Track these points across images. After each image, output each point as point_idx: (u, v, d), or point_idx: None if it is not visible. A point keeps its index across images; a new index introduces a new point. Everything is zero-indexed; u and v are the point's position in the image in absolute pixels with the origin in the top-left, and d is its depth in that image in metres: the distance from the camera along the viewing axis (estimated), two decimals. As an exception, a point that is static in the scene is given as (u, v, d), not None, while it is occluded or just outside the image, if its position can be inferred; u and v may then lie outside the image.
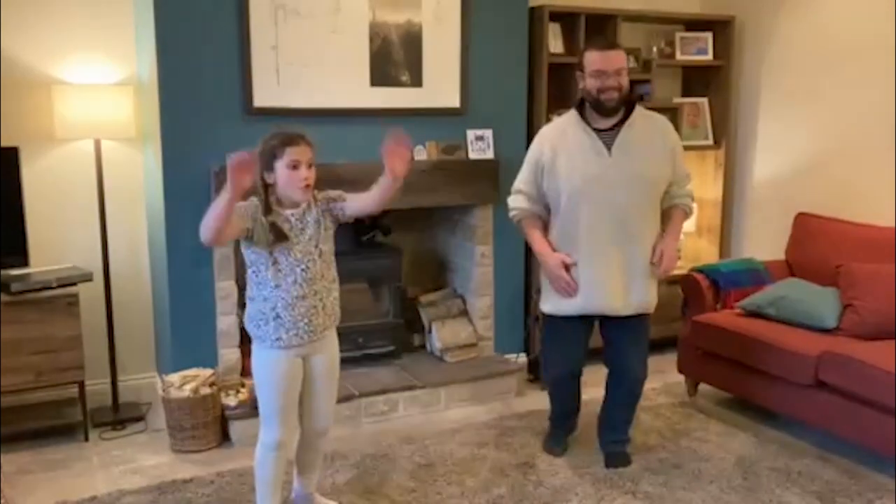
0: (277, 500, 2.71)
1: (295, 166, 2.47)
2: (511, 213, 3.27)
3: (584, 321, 3.19)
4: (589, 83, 2.98)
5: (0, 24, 3.55)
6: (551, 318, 3.24)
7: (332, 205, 2.61)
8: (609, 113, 3.00)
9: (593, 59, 2.97)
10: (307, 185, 2.50)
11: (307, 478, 2.87)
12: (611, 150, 3.00)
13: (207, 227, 2.35)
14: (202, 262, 3.60)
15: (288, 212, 2.53)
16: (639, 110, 3.08)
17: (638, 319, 3.15)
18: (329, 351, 2.70)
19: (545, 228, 3.21)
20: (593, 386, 3.44)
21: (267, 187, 2.51)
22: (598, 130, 3.04)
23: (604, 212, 3.01)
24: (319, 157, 3.56)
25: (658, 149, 3.06)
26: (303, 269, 2.52)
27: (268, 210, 2.49)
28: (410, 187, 3.84)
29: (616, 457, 3.29)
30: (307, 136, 2.53)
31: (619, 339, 3.19)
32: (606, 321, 3.17)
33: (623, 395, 3.28)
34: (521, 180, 3.21)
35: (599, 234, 3.02)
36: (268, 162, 2.47)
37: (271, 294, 2.52)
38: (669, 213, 3.16)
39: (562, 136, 3.08)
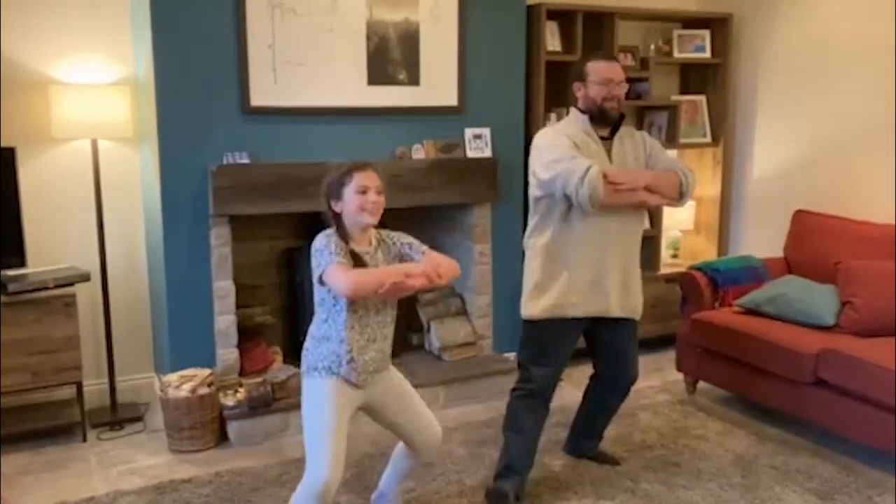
0: None
1: (364, 191, 2.44)
2: (586, 176, 2.78)
3: (578, 329, 3.08)
4: (594, 91, 2.99)
5: (-3, 24, 3.55)
6: (539, 325, 3.03)
7: (404, 250, 2.57)
8: (609, 122, 3.04)
9: (601, 67, 3.00)
10: (376, 209, 2.45)
11: (397, 483, 2.87)
12: (611, 158, 3.02)
13: (365, 288, 2.37)
14: (200, 262, 3.60)
15: (360, 248, 2.48)
16: (623, 125, 3.12)
17: (632, 322, 3.13)
18: (387, 379, 2.61)
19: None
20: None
21: (336, 217, 2.48)
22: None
23: (612, 218, 2.98)
24: (317, 155, 3.59)
25: (642, 158, 3.10)
26: (375, 311, 2.49)
27: (345, 239, 2.46)
28: (408, 186, 3.89)
29: (606, 455, 3.32)
30: (373, 164, 2.53)
31: (619, 343, 3.12)
32: (599, 325, 3.09)
33: (618, 402, 3.24)
34: (567, 148, 2.89)
35: (607, 236, 2.99)
36: (336, 190, 2.46)
37: (345, 335, 2.45)
38: None
39: (576, 137, 3.01)
